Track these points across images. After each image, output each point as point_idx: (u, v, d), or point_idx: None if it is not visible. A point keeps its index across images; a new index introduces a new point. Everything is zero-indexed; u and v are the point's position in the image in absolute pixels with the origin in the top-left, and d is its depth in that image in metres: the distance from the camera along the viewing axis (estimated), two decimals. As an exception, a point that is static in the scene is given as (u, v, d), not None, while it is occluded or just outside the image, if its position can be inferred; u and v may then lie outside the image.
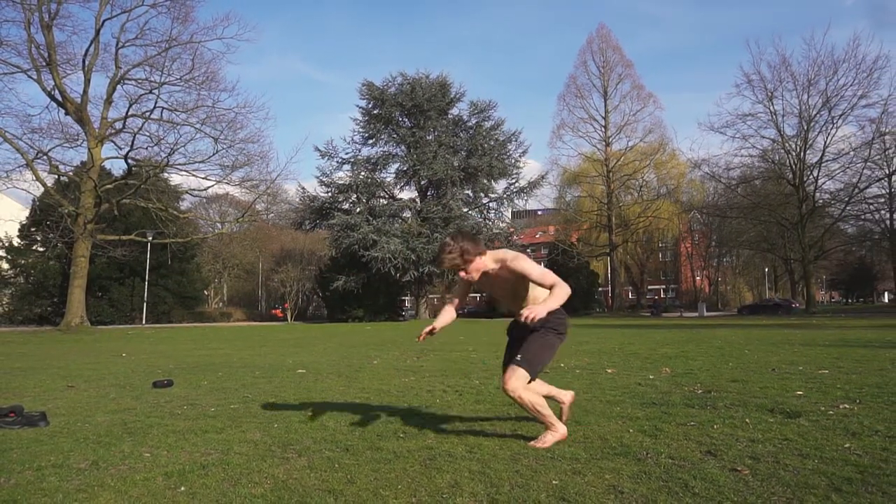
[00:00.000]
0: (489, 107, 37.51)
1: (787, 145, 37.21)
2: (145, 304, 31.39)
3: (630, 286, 59.12)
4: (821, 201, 38.64)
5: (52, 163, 25.51)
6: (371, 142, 37.10)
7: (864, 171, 36.40)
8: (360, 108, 36.84)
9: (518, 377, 3.06)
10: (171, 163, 26.36)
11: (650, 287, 63.83)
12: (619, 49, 47.22)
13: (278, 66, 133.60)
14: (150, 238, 28.99)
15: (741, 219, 41.65)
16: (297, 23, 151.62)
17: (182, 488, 2.55)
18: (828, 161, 36.51)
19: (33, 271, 33.67)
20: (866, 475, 2.53)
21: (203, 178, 28.10)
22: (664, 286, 66.56)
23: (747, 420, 3.68)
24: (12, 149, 24.09)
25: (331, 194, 36.41)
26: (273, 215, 56.18)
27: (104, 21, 24.94)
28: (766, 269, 59.24)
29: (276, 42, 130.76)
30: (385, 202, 36.86)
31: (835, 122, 35.55)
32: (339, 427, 3.77)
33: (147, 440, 3.46)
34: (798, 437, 3.23)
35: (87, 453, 3.17)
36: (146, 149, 26.88)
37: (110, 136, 26.23)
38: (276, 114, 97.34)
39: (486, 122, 37.60)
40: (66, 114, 25.10)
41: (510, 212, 41.46)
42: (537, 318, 2.91)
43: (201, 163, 27.24)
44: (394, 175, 37.33)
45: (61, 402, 4.94)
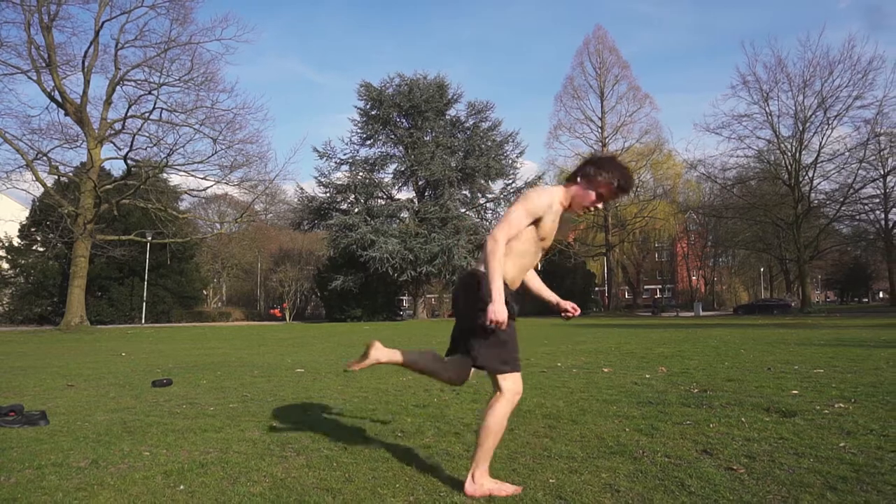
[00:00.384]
0: (486, 107, 37.54)
1: (782, 146, 37.34)
2: (144, 304, 31.35)
3: (626, 286, 59.26)
4: (816, 202, 38.74)
5: (52, 163, 25.54)
6: (369, 142, 37.12)
7: (859, 171, 36.69)
8: (358, 108, 36.88)
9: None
10: (170, 163, 26.34)
11: (646, 287, 63.99)
12: (615, 50, 47.35)
13: (277, 67, 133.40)
14: (150, 238, 28.96)
15: (737, 219, 41.76)
16: (296, 24, 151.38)
17: (181, 487, 2.57)
18: (823, 162, 36.71)
19: (33, 271, 33.64)
20: (861, 474, 2.55)
21: (202, 179, 28.15)
22: (660, 286, 66.67)
23: (743, 419, 3.70)
24: (12, 149, 24.12)
25: (329, 195, 36.41)
26: (271, 215, 56.16)
27: (104, 22, 24.94)
28: (762, 269, 59.38)
29: (275, 43, 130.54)
30: (383, 202, 36.85)
31: (830, 122, 35.74)
32: (336, 426, 3.78)
33: (146, 439, 3.47)
34: (793, 435, 3.25)
35: (87, 452, 3.17)
36: (145, 149, 26.93)
37: (110, 137, 26.22)
38: (275, 114, 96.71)
39: (483, 123, 37.62)
40: (66, 115, 25.08)
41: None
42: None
43: (200, 163, 27.27)
44: (391, 175, 37.33)
45: (61, 402, 4.94)
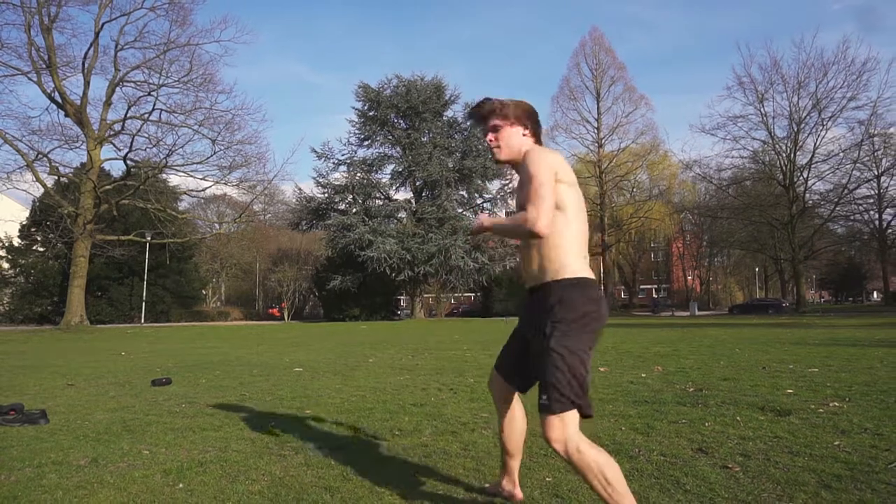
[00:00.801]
0: (485, 108, 37.43)
1: (777, 147, 37.41)
2: (144, 304, 31.25)
3: (623, 286, 59.35)
4: (811, 202, 38.85)
5: (52, 164, 25.51)
6: (367, 143, 37.07)
7: (854, 172, 36.74)
8: (356, 109, 36.81)
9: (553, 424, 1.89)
10: (169, 164, 26.35)
11: (642, 287, 64.05)
12: (611, 52, 47.22)
13: (275, 68, 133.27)
14: (149, 238, 28.89)
15: (732, 219, 41.80)
16: (294, 26, 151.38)
17: (180, 485, 2.58)
18: (818, 162, 36.77)
19: (33, 271, 33.54)
20: (855, 472, 2.58)
21: (201, 179, 28.14)
22: (656, 286, 66.73)
23: (738, 418, 3.72)
24: (13, 150, 24.11)
25: (327, 195, 36.35)
26: (270, 216, 56.00)
27: (103, 24, 24.93)
28: (757, 269, 59.54)
29: (273, 45, 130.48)
30: (381, 203, 36.82)
31: (824, 123, 35.74)
32: (334, 425, 3.80)
33: (146, 438, 3.48)
34: (788, 434, 3.27)
35: (87, 451, 3.19)
36: (145, 150, 26.91)
37: (109, 138, 26.20)
38: (273, 115, 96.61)
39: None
40: (66, 116, 25.07)
41: (504, 212, 41.46)
42: (481, 226, 2.15)
43: (199, 164, 27.29)
44: (389, 176, 37.28)
45: (61, 400, 4.95)
